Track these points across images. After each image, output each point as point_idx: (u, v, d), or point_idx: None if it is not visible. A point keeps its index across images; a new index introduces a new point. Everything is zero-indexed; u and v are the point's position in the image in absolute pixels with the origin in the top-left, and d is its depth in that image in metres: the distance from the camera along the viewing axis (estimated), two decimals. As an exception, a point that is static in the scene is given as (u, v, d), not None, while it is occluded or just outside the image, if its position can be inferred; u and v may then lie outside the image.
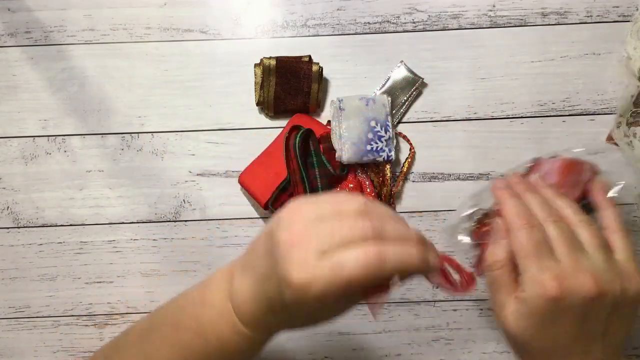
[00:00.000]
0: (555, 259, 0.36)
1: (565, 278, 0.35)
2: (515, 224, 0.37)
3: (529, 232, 0.36)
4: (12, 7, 0.62)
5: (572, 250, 0.36)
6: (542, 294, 0.35)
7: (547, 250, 0.36)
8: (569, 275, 0.35)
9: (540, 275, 0.35)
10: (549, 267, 0.35)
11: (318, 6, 0.62)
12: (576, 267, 0.35)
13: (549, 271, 0.35)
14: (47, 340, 0.57)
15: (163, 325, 0.42)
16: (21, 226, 0.59)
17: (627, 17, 0.61)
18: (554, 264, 0.35)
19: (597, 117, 0.60)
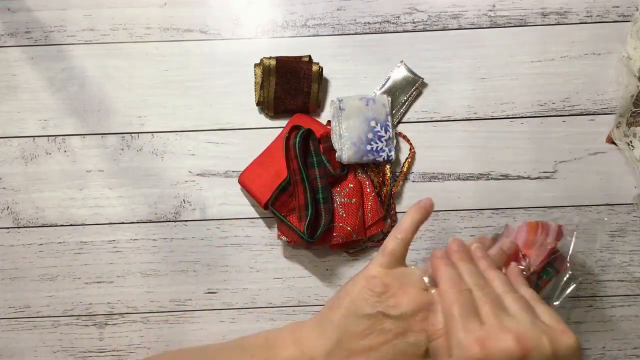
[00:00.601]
0: (480, 321, 0.35)
1: (488, 339, 0.34)
2: (445, 286, 0.38)
3: (456, 294, 0.37)
4: (12, 7, 0.62)
5: (496, 311, 0.36)
6: (467, 356, 0.34)
7: (472, 313, 0.36)
8: (492, 336, 0.35)
9: (464, 337, 0.35)
10: (472, 329, 0.35)
11: (318, 6, 0.62)
12: (499, 327, 0.35)
13: (471, 333, 0.35)
14: (47, 340, 0.57)
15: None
16: (21, 226, 0.59)
17: (627, 17, 0.61)
18: (477, 326, 0.35)
19: (597, 117, 0.60)
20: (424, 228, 0.58)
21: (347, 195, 0.56)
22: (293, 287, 0.58)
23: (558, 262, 0.50)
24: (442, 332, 0.37)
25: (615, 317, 0.57)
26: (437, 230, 0.58)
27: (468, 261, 0.40)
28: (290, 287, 0.58)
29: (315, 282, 0.58)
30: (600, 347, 0.57)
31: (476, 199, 0.59)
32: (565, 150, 0.59)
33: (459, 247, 0.42)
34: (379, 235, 0.58)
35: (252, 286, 0.58)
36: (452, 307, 0.36)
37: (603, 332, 0.57)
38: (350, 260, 0.58)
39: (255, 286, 0.58)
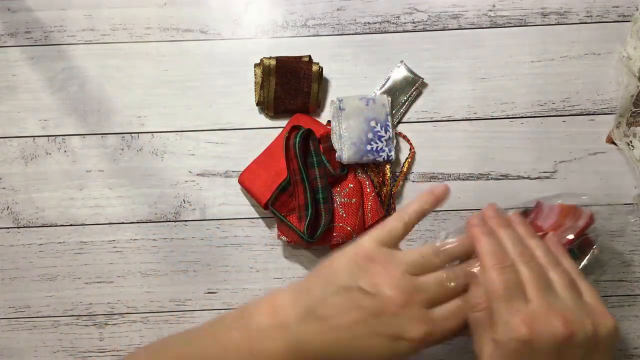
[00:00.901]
0: (526, 300, 0.36)
1: (535, 320, 0.35)
2: (488, 263, 0.37)
3: (500, 272, 0.36)
4: (12, 7, 0.62)
5: (542, 291, 0.36)
6: (514, 337, 0.35)
7: (518, 292, 0.36)
8: (539, 317, 0.35)
9: (510, 317, 0.35)
10: (519, 309, 0.35)
11: (318, 6, 0.62)
12: (547, 308, 0.35)
13: (518, 313, 0.35)
14: (47, 340, 0.57)
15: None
16: (21, 226, 0.59)
17: (627, 17, 0.61)
18: (523, 305, 0.35)
19: (597, 117, 0.60)
20: (423, 228, 0.58)
21: (347, 195, 0.56)
22: (293, 287, 0.58)
23: (586, 245, 0.49)
24: (484, 306, 0.37)
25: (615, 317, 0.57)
26: (437, 230, 0.58)
27: (508, 227, 0.40)
28: (290, 287, 0.58)
29: (315, 282, 0.58)
30: (600, 347, 0.56)
31: (476, 199, 0.59)
32: (565, 150, 0.59)
33: (495, 213, 0.41)
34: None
35: (252, 286, 0.58)
36: (497, 286, 0.36)
37: (603, 332, 0.57)
38: (350, 260, 0.58)
39: (255, 286, 0.58)
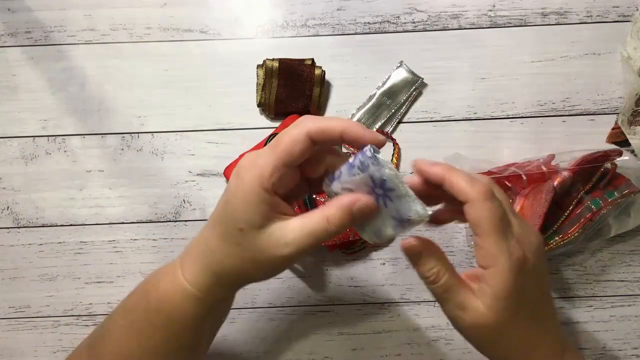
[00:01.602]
0: (510, 224, 0.36)
1: (522, 239, 0.36)
2: (475, 195, 0.35)
3: (492, 201, 0.35)
4: (12, 7, 0.62)
5: (517, 217, 0.37)
6: (516, 258, 0.35)
7: (508, 221, 0.36)
8: (523, 236, 0.36)
9: (509, 243, 0.35)
10: (512, 234, 0.35)
11: (318, 6, 0.62)
12: (528, 229, 0.37)
13: (512, 238, 0.35)
14: (47, 340, 0.57)
15: (125, 300, 0.43)
16: (21, 226, 0.59)
17: (627, 17, 0.61)
18: (512, 231, 0.36)
19: (597, 117, 0.60)
20: (423, 229, 0.58)
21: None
22: (293, 287, 0.58)
23: (623, 186, 0.50)
24: (443, 273, 0.36)
25: (615, 317, 0.57)
26: (437, 230, 0.58)
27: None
28: (290, 287, 0.58)
29: (315, 282, 0.58)
30: (600, 347, 0.57)
31: (476, 199, 0.59)
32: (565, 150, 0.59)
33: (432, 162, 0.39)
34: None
35: (252, 286, 0.58)
36: (495, 215, 0.35)
37: (603, 332, 0.57)
38: (350, 260, 0.58)
39: (255, 286, 0.58)
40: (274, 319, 0.57)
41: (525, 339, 0.37)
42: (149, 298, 0.40)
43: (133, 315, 0.41)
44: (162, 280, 0.40)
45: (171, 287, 0.39)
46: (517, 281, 0.35)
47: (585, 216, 0.50)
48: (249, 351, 0.57)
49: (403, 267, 0.58)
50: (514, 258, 0.35)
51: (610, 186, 0.51)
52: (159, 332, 0.40)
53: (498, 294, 0.35)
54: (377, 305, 0.57)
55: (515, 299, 0.35)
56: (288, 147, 0.35)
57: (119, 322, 0.42)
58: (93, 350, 0.43)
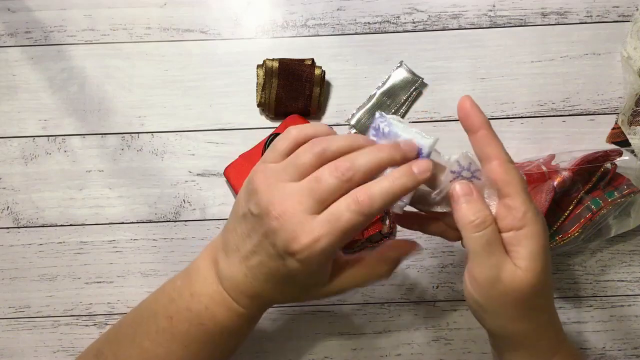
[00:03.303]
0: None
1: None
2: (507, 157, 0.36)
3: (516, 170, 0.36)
4: (12, 7, 0.62)
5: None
6: (544, 224, 0.35)
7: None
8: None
9: (534, 205, 0.35)
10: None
11: (318, 6, 0.62)
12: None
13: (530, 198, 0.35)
14: (47, 340, 0.57)
15: (156, 318, 0.43)
16: (21, 226, 0.59)
17: (627, 17, 0.61)
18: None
19: (597, 117, 0.60)
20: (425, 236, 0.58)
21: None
22: (293, 287, 0.58)
23: (623, 186, 0.50)
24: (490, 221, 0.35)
25: (615, 317, 0.57)
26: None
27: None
28: (290, 287, 0.58)
29: (315, 282, 0.58)
30: (600, 347, 0.57)
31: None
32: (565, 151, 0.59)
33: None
34: (377, 236, 0.58)
35: (252, 286, 0.58)
36: (522, 179, 0.35)
37: (603, 332, 0.57)
38: (350, 260, 0.58)
39: (255, 286, 0.58)
40: (275, 318, 0.57)
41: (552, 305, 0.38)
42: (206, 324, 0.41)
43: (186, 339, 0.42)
44: (219, 310, 0.41)
45: (233, 314, 0.41)
46: (546, 241, 0.35)
47: (585, 216, 0.50)
48: (249, 351, 0.57)
49: (403, 267, 0.58)
50: (542, 217, 0.35)
51: (610, 186, 0.51)
52: (218, 347, 0.43)
53: (534, 254, 0.34)
54: (377, 305, 0.57)
55: (547, 260, 0.35)
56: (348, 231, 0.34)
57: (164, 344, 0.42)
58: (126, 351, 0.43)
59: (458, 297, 0.57)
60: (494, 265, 0.34)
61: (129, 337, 0.44)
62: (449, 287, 0.57)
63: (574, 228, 0.50)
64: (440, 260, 0.58)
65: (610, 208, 0.50)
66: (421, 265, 0.58)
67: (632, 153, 0.56)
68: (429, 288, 0.57)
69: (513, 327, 0.37)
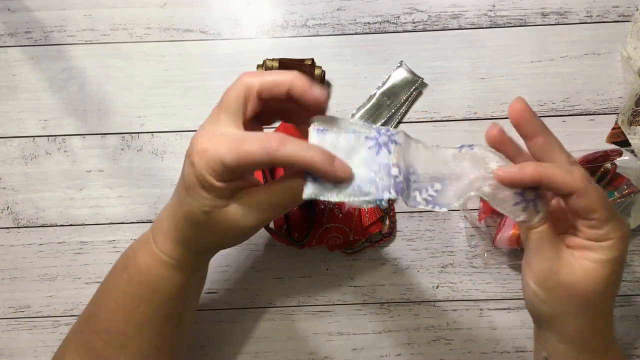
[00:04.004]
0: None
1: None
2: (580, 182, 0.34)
3: (592, 181, 0.35)
4: (12, 7, 0.62)
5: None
6: (627, 235, 0.35)
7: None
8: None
9: (617, 215, 0.35)
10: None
11: (318, 6, 0.62)
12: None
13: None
14: (47, 340, 0.57)
15: (105, 281, 0.44)
16: (21, 226, 0.59)
17: (627, 17, 0.61)
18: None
19: (597, 117, 0.60)
20: (424, 228, 0.58)
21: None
22: (293, 287, 0.58)
23: (623, 186, 0.50)
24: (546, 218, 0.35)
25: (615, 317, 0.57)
26: (437, 230, 0.58)
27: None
28: (290, 287, 0.58)
29: (315, 282, 0.58)
30: (600, 347, 0.57)
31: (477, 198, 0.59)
32: (565, 150, 0.59)
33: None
34: (377, 236, 0.58)
35: (252, 286, 0.58)
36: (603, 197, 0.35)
37: (603, 332, 0.57)
38: (350, 260, 0.58)
39: (255, 286, 0.58)
40: (274, 319, 0.57)
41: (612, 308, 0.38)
42: (129, 272, 0.41)
43: (115, 291, 0.42)
44: (139, 254, 0.41)
45: (150, 259, 0.40)
46: (624, 249, 0.35)
47: (585, 216, 0.50)
48: (249, 351, 0.57)
49: (403, 267, 0.58)
50: (625, 225, 0.35)
51: (610, 186, 0.51)
52: (144, 304, 0.40)
53: (614, 255, 0.35)
54: (377, 305, 0.57)
55: (618, 267, 0.35)
56: (236, 111, 0.36)
57: (102, 301, 0.43)
58: (82, 334, 0.44)
59: (458, 297, 0.57)
60: (550, 257, 0.35)
61: (86, 313, 0.45)
62: (449, 287, 0.57)
63: None
64: (440, 260, 0.58)
65: None
66: (421, 265, 0.58)
67: (632, 153, 0.56)
68: (429, 288, 0.57)
69: (569, 321, 0.37)
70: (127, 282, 0.41)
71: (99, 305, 0.44)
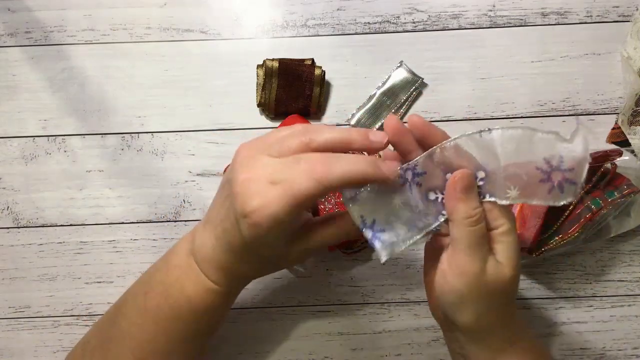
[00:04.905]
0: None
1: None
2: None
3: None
4: (12, 7, 0.62)
5: None
6: (514, 223, 0.38)
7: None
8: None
9: (505, 206, 0.37)
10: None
11: (318, 6, 0.62)
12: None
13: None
14: (47, 340, 0.57)
15: (134, 297, 0.44)
16: (21, 226, 0.59)
17: (627, 17, 0.61)
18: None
19: (597, 117, 0.60)
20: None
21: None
22: (293, 287, 0.58)
23: (623, 186, 0.50)
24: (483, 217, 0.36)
25: (615, 317, 0.57)
26: (437, 230, 0.58)
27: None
28: (290, 287, 0.58)
29: (315, 282, 0.58)
30: (600, 347, 0.57)
31: (476, 199, 0.59)
32: (565, 150, 0.59)
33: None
34: (379, 235, 0.58)
35: (252, 286, 0.58)
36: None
37: (603, 332, 0.57)
38: (350, 260, 0.58)
39: (255, 286, 0.58)
40: (274, 319, 0.57)
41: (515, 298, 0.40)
42: (176, 300, 0.41)
43: (157, 315, 0.42)
44: (186, 283, 0.41)
45: (200, 288, 0.41)
46: (517, 236, 0.38)
47: (585, 216, 0.50)
48: (249, 351, 0.57)
49: (403, 267, 0.58)
50: (511, 212, 0.37)
51: (610, 186, 0.51)
52: (189, 326, 0.42)
53: (512, 251, 0.37)
54: (377, 305, 0.57)
55: (519, 254, 0.38)
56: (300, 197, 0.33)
57: (138, 321, 0.43)
58: (109, 352, 0.43)
59: (458, 297, 0.57)
60: (482, 258, 0.36)
61: (111, 319, 0.45)
62: (449, 287, 0.57)
63: (574, 228, 0.50)
64: (440, 260, 0.58)
65: (610, 208, 0.50)
66: (421, 265, 0.58)
67: (632, 153, 0.56)
68: (429, 288, 0.57)
69: (487, 319, 0.38)
70: (171, 307, 0.41)
71: (129, 326, 0.43)
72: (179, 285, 0.41)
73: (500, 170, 0.35)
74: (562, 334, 0.57)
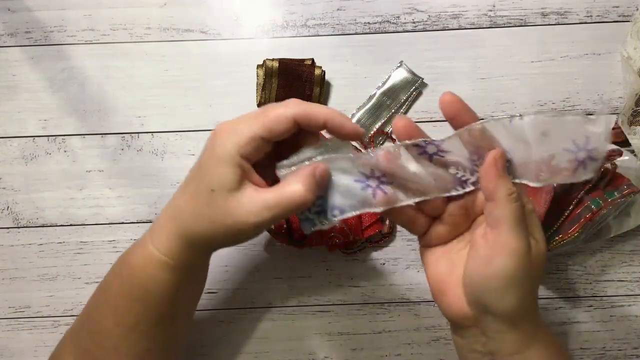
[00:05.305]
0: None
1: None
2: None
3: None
4: (12, 7, 0.62)
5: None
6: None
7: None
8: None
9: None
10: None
11: (318, 6, 0.62)
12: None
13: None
14: (47, 340, 0.57)
15: (104, 280, 0.44)
16: (21, 226, 0.59)
17: (627, 17, 0.61)
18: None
19: (597, 117, 0.60)
20: (424, 228, 0.58)
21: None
22: (293, 287, 0.58)
23: (623, 186, 0.50)
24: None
25: (615, 317, 0.57)
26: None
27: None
28: (290, 287, 0.58)
29: (315, 282, 0.58)
30: (600, 347, 0.57)
31: (476, 199, 0.59)
32: (565, 150, 0.59)
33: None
34: (378, 236, 0.58)
35: (252, 286, 0.58)
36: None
37: (603, 332, 0.57)
38: (350, 260, 0.58)
39: (255, 286, 0.58)
40: (275, 318, 0.57)
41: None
42: (122, 273, 0.41)
43: (109, 292, 0.42)
44: (134, 254, 0.40)
45: (143, 259, 0.39)
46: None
47: (585, 216, 0.50)
48: (249, 351, 0.57)
49: (403, 267, 0.58)
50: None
51: (610, 186, 0.51)
52: (136, 305, 0.40)
53: (540, 227, 0.38)
54: (377, 305, 0.57)
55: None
56: (272, 123, 0.36)
57: (96, 302, 0.43)
58: (78, 335, 0.44)
59: (458, 297, 0.57)
60: (527, 236, 0.36)
61: (82, 313, 0.45)
62: (449, 287, 0.57)
63: (574, 228, 0.50)
64: (440, 260, 0.58)
65: (610, 208, 0.50)
66: (421, 265, 0.58)
67: (632, 153, 0.56)
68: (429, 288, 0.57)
69: (528, 301, 0.37)
70: (120, 283, 0.41)
71: (94, 306, 0.44)
72: (127, 258, 0.41)
73: (531, 154, 0.36)
74: (562, 334, 0.57)
